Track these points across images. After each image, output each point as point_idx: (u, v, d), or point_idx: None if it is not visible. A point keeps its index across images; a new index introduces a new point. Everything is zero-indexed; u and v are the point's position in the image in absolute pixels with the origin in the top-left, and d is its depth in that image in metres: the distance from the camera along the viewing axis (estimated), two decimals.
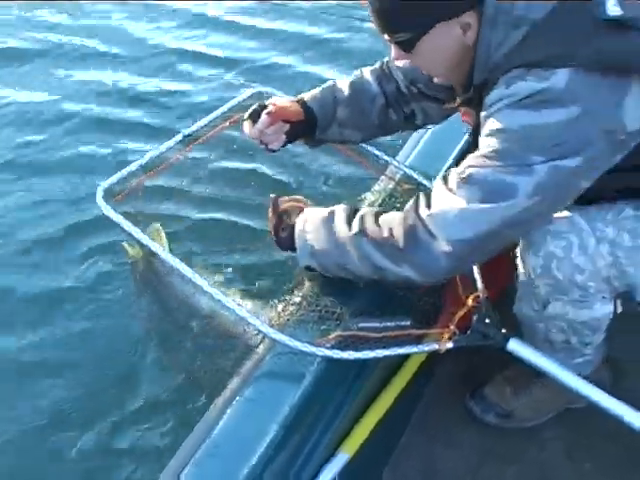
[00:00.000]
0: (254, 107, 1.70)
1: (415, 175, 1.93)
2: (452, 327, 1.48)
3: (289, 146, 1.78)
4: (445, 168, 1.93)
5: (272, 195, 1.67)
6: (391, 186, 1.94)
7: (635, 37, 1.22)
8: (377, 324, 1.48)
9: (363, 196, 1.94)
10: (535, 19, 1.25)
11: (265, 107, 1.67)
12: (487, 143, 1.29)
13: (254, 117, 1.68)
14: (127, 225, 1.76)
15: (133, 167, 1.93)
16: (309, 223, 1.51)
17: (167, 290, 1.97)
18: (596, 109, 1.23)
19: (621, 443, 1.65)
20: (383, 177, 1.97)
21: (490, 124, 1.29)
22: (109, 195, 1.84)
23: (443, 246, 1.30)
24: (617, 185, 1.38)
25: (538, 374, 1.50)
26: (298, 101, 1.73)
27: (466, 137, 1.90)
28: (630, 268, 1.40)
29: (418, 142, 2.04)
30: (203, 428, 1.38)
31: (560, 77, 1.22)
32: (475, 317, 1.50)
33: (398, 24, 1.34)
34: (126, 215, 1.79)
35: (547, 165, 1.24)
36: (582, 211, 1.41)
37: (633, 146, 1.30)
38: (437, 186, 1.36)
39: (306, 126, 1.73)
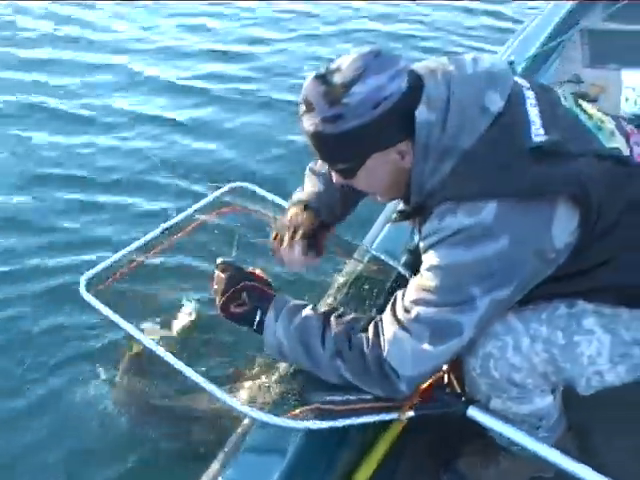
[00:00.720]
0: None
1: (382, 257, 2.01)
2: (413, 398, 1.51)
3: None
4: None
5: (220, 260, 1.64)
6: (359, 268, 2.01)
7: (560, 163, 1.29)
8: (341, 397, 1.53)
9: (333, 278, 2.02)
10: (464, 148, 1.31)
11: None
12: (428, 276, 1.35)
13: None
14: (109, 312, 1.83)
15: (115, 258, 2.03)
16: (280, 325, 1.52)
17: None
18: (525, 236, 1.30)
19: None
20: (352, 260, 2.05)
21: (428, 258, 1.36)
22: (91, 285, 1.92)
23: (404, 379, 1.39)
24: (550, 292, 1.44)
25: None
26: (305, 208, 1.78)
27: None
28: (566, 364, 1.43)
29: (384, 225, 2.14)
30: None
31: (489, 211, 1.28)
32: (435, 387, 1.54)
33: (335, 158, 1.42)
34: (109, 303, 1.87)
35: (487, 299, 1.32)
36: (518, 313, 1.45)
37: (562, 259, 1.36)
38: (388, 319, 1.41)
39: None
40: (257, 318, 1.55)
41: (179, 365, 1.66)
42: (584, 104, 1.49)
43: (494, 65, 1.39)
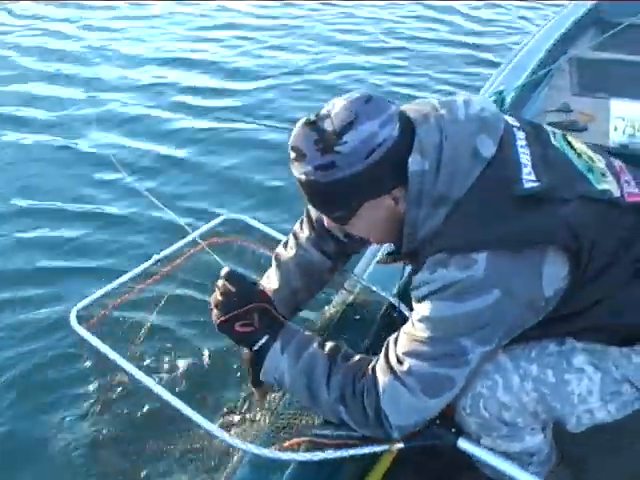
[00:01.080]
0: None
1: (373, 287, 2.02)
2: None
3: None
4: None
5: (226, 270, 1.53)
6: (350, 298, 2.02)
7: (550, 210, 1.30)
8: (331, 432, 1.53)
9: (324, 308, 2.02)
10: (456, 198, 1.31)
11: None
12: (419, 327, 1.35)
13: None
14: (99, 344, 1.84)
15: (105, 290, 2.04)
16: (285, 360, 1.49)
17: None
18: (517, 287, 1.30)
19: None
20: (342, 290, 2.06)
21: (419, 309, 1.36)
22: (82, 317, 1.93)
23: (396, 428, 1.41)
24: (540, 334, 1.45)
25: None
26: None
27: None
28: (556, 403, 1.44)
29: (375, 255, 2.15)
30: None
31: (479, 264, 1.28)
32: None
33: (328, 206, 1.42)
34: (99, 336, 1.87)
35: (479, 351, 1.34)
36: (507, 351, 1.46)
37: (552, 306, 1.37)
38: (381, 368, 1.41)
39: None
40: (262, 342, 1.51)
41: (171, 399, 1.66)
42: (573, 141, 1.50)
43: (485, 109, 1.40)
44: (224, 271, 1.53)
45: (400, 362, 1.38)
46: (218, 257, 1.86)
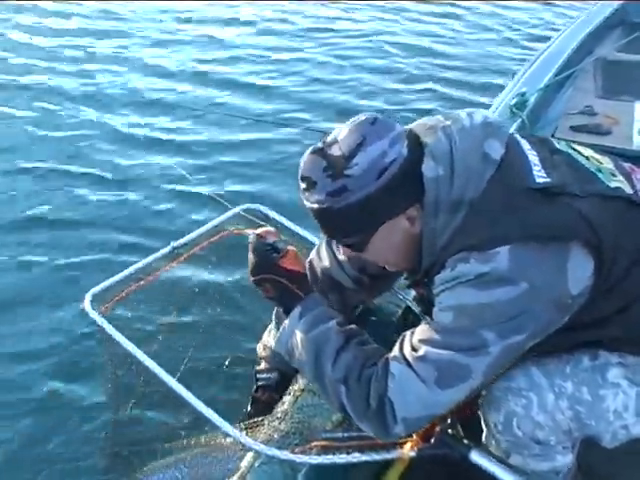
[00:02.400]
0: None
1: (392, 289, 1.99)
2: (415, 437, 1.52)
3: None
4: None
5: (253, 237, 1.58)
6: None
7: (566, 204, 1.28)
8: (342, 434, 1.52)
9: None
10: (472, 199, 1.29)
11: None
12: (439, 317, 1.32)
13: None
14: (112, 330, 1.84)
15: (122, 276, 2.03)
16: (301, 326, 1.47)
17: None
18: (542, 281, 1.26)
19: None
20: None
21: (442, 300, 1.33)
22: (97, 302, 1.92)
23: (402, 421, 1.35)
24: (570, 342, 1.42)
25: None
26: None
27: None
28: (591, 421, 1.41)
29: None
30: None
31: (502, 257, 1.25)
32: (439, 428, 1.53)
33: (343, 232, 1.39)
34: (112, 321, 1.87)
35: (500, 345, 1.28)
36: (540, 366, 1.43)
37: (578, 306, 1.33)
38: (395, 357, 1.37)
39: None
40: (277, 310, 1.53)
41: (185, 394, 1.66)
42: (579, 147, 1.49)
43: (488, 117, 1.40)
44: (251, 238, 1.57)
45: (415, 349, 1.34)
46: (235, 246, 1.85)
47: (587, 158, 1.43)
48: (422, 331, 1.36)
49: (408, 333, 1.40)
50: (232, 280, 2.64)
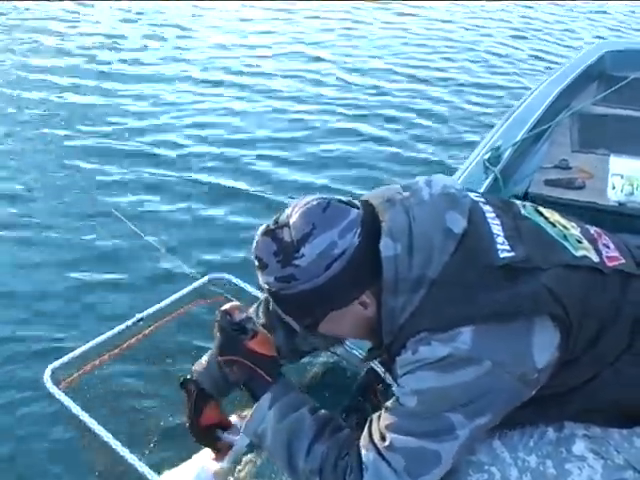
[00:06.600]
0: None
1: (355, 351, 1.99)
2: None
3: None
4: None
5: (219, 314, 1.55)
6: (332, 360, 2.04)
7: (530, 279, 1.26)
8: None
9: (308, 369, 2.03)
10: (432, 278, 1.27)
11: None
12: (403, 401, 1.30)
13: None
14: (72, 406, 1.83)
15: (85, 348, 2.03)
16: (272, 415, 1.43)
17: None
18: (506, 358, 1.24)
19: None
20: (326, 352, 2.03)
21: (405, 383, 1.30)
22: (58, 376, 1.91)
23: None
24: (536, 416, 1.39)
25: None
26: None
27: None
28: None
29: None
30: None
31: (464, 337, 1.23)
32: None
33: (294, 315, 1.39)
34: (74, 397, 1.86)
35: (468, 428, 1.26)
36: (503, 438, 1.41)
37: (545, 380, 1.30)
38: (365, 445, 1.33)
39: None
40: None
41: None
42: (545, 211, 1.47)
43: (447, 186, 1.38)
44: (217, 315, 1.55)
45: (383, 438, 1.30)
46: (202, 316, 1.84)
47: (553, 224, 1.42)
48: (388, 416, 1.32)
49: (375, 417, 1.37)
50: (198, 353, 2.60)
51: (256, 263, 1.35)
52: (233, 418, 1.77)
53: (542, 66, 6.91)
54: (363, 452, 1.32)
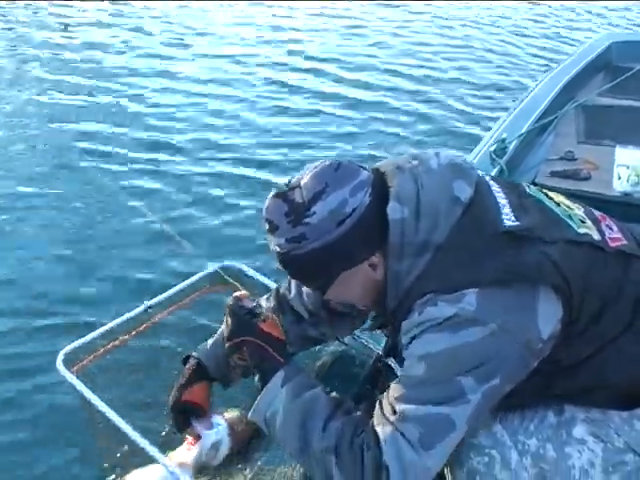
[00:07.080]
0: None
1: (363, 340, 2.02)
2: None
3: None
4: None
5: (232, 300, 1.55)
6: (341, 349, 2.04)
7: (533, 249, 1.28)
8: None
9: (317, 358, 2.04)
10: (438, 242, 1.29)
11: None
12: (412, 370, 1.29)
13: None
14: (85, 390, 1.84)
15: (96, 334, 2.04)
16: (284, 393, 1.41)
17: None
18: (512, 323, 1.25)
19: None
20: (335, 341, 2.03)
21: (411, 351, 1.30)
22: (69, 361, 1.93)
23: None
24: (536, 394, 1.40)
25: None
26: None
27: None
28: (556, 478, 1.37)
29: None
30: None
31: (470, 298, 1.24)
32: None
33: (304, 277, 1.42)
34: (85, 381, 1.87)
35: (480, 391, 1.25)
36: (504, 422, 1.42)
37: (548, 351, 1.31)
38: (379, 421, 1.32)
39: None
40: (256, 377, 1.48)
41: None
42: (550, 193, 1.50)
43: (456, 157, 1.41)
44: (228, 300, 1.55)
45: (394, 411, 1.30)
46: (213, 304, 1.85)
47: (557, 204, 1.44)
48: (397, 388, 1.32)
49: (385, 395, 1.36)
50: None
51: (266, 226, 1.36)
52: (216, 416, 1.80)
53: (547, 61, 6.93)
54: (379, 429, 1.31)
